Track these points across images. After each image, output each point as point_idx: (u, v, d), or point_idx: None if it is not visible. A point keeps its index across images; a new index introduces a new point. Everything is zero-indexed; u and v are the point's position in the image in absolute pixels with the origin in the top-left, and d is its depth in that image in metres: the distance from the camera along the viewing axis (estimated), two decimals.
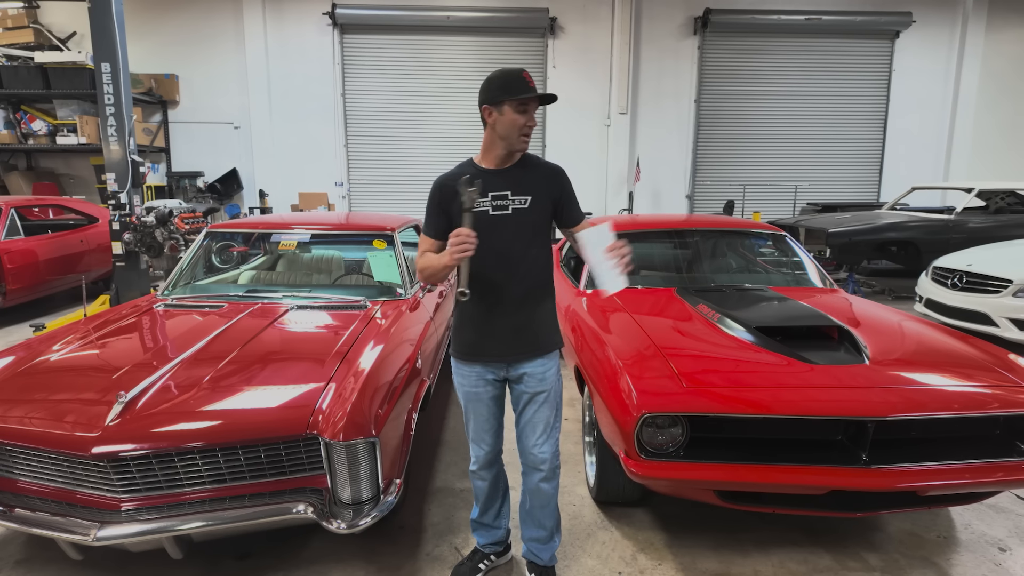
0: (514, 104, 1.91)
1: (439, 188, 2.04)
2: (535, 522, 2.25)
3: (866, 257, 7.87)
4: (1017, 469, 2.20)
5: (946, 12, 10.62)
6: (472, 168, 2.05)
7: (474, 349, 2.10)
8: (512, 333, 2.06)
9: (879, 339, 2.72)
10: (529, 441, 2.15)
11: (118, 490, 2.08)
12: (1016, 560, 2.49)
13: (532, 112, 1.95)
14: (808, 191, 10.88)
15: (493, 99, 1.94)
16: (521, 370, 2.09)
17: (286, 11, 10.09)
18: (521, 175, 2.05)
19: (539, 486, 2.18)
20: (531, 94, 1.91)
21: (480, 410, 2.16)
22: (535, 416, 2.13)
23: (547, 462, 2.15)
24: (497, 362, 2.10)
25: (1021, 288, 5.04)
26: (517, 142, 1.97)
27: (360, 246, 4.04)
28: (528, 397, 2.12)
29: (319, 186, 10.40)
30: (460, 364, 2.16)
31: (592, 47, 10.35)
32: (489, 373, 2.12)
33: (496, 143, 2.00)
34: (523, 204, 2.02)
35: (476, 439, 2.21)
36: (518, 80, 1.92)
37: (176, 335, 2.83)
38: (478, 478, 2.27)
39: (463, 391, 2.18)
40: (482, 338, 2.08)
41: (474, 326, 2.09)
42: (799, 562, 2.46)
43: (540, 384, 2.10)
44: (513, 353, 2.08)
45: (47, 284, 6.57)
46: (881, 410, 2.16)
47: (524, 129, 1.95)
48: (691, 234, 4.15)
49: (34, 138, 9.31)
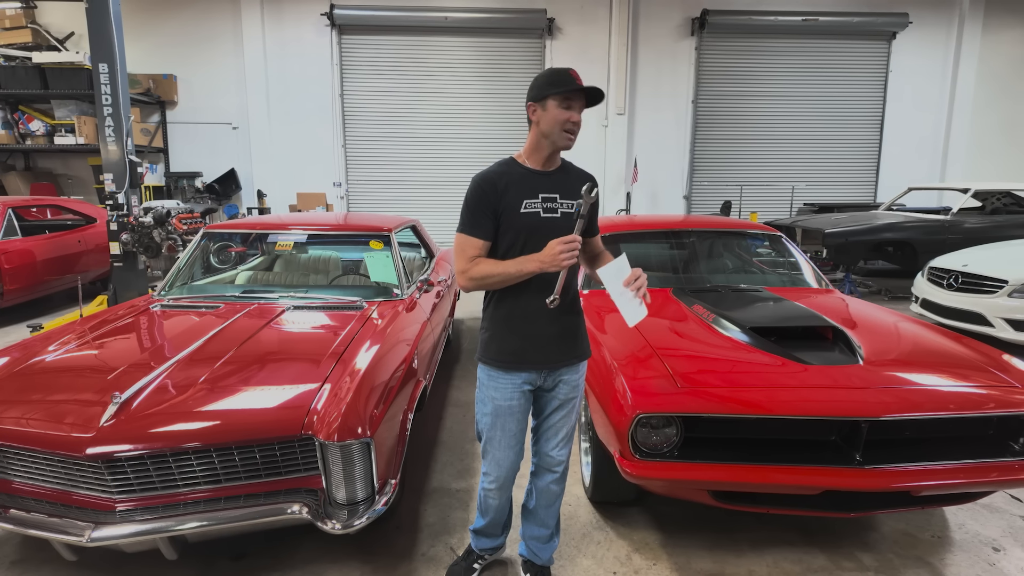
0: (558, 99, 1.86)
1: (489, 185, 1.92)
2: (538, 521, 2.26)
3: (863, 257, 7.89)
4: (1010, 469, 2.21)
5: (943, 13, 10.64)
6: (516, 167, 1.98)
7: (517, 357, 1.99)
8: (555, 340, 2.01)
9: (873, 339, 2.72)
10: (549, 444, 2.14)
11: (113, 491, 2.08)
12: (1010, 560, 2.50)
13: (577, 109, 1.89)
14: (805, 192, 10.89)
15: (539, 95, 1.89)
16: (559, 377, 2.05)
17: (284, 12, 10.10)
18: (566, 179, 2.00)
19: (549, 487, 2.19)
20: (574, 87, 1.85)
21: (510, 425, 2.06)
22: (560, 422, 2.12)
23: (562, 464, 2.17)
24: (539, 369, 2.03)
25: (1016, 288, 5.05)
26: (561, 139, 1.91)
27: (357, 246, 4.05)
28: (558, 403, 2.09)
29: (317, 186, 10.40)
30: (499, 373, 2.02)
31: (590, 48, 10.36)
32: (527, 384, 2.03)
33: (541, 143, 1.94)
34: (570, 208, 1.97)
35: (499, 457, 2.09)
36: (564, 76, 1.87)
37: (172, 335, 2.84)
38: (493, 497, 2.17)
39: (495, 404, 2.03)
40: (526, 345, 1.99)
41: (519, 333, 1.98)
42: (793, 562, 2.47)
43: (573, 391, 2.09)
44: (555, 360, 2.02)
45: (44, 284, 6.56)
46: (875, 410, 2.16)
47: (567, 125, 1.88)
48: (687, 234, 4.16)
49: (32, 138, 9.30)
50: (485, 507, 2.23)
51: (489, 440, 2.10)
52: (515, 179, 1.95)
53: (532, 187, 1.94)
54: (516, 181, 1.94)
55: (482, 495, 2.21)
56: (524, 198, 1.92)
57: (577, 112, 1.90)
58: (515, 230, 1.92)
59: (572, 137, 1.92)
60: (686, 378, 2.32)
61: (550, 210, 1.95)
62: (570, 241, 1.78)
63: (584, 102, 1.91)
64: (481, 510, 2.26)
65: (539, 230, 1.91)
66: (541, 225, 1.93)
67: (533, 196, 1.93)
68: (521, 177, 1.95)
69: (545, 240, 1.84)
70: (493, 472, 2.13)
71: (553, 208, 1.95)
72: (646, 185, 10.67)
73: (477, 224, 1.92)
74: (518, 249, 1.91)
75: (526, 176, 1.95)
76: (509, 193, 1.92)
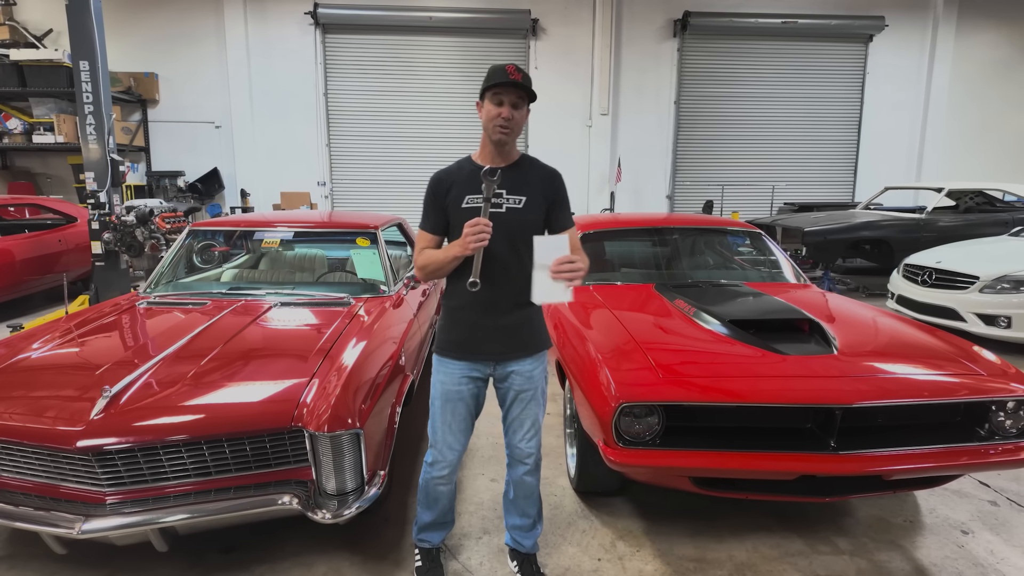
0: (490, 94, 1.95)
1: (436, 183, 2.06)
2: (519, 511, 2.31)
3: (841, 255, 8.07)
4: (976, 453, 2.31)
5: (917, 17, 10.89)
6: (468, 164, 2.06)
7: (463, 346, 2.08)
8: (503, 332, 2.06)
9: (848, 331, 2.82)
10: (516, 436, 2.19)
11: (103, 484, 2.10)
12: (978, 543, 2.60)
13: (509, 104, 1.93)
14: (785, 191, 11.08)
15: (480, 93, 1.99)
16: (509, 369, 2.11)
17: (268, 10, 10.05)
18: (517, 175, 2.04)
19: (523, 478, 2.24)
20: (501, 81, 1.89)
21: (459, 409, 2.12)
22: (522, 414, 2.16)
23: (532, 456, 2.21)
24: (485, 360, 2.10)
25: (987, 284, 5.21)
26: (494, 133, 1.97)
27: (344, 244, 4.07)
28: (514, 395, 2.14)
29: (301, 186, 10.37)
30: (445, 360, 2.11)
31: (574, 49, 10.45)
32: (475, 371, 2.10)
33: (486, 139, 2.03)
34: (517, 204, 2.02)
35: (447, 441, 2.14)
36: (497, 71, 1.92)
37: (160, 332, 2.85)
38: (442, 483, 2.19)
39: (443, 388, 2.11)
40: (473, 336, 2.06)
41: (466, 324, 2.07)
42: (772, 546, 2.55)
43: (527, 383, 2.13)
44: (502, 352, 2.08)
45: (24, 284, 6.48)
46: (848, 398, 2.25)
47: (499, 120, 1.94)
48: (670, 232, 4.24)
49: (9, 137, 9.16)
50: (435, 496, 2.23)
51: (436, 425, 2.14)
52: (462, 176, 2.03)
53: (474, 184, 1.99)
54: (463, 179, 2.03)
55: (430, 484, 2.21)
56: (467, 194, 2.01)
57: (509, 107, 1.94)
58: (460, 225, 1.96)
59: (505, 131, 1.95)
60: (667, 369, 2.39)
61: (495, 205, 1.99)
62: (476, 223, 1.85)
63: (522, 98, 1.96)
64: (428, 502, 2.25)
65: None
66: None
67: (477, 192, 1.98)
68: (469, 174, 2.03)
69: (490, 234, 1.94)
70: (444, 457, 2.15)
71: (498, 203, 2.00)
72: (630, 184, 10.79)
73: (427, 219, 2.10)
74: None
75: (473, 173, 2.01)
76: (453, 190, 2.02)
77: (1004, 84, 11.31)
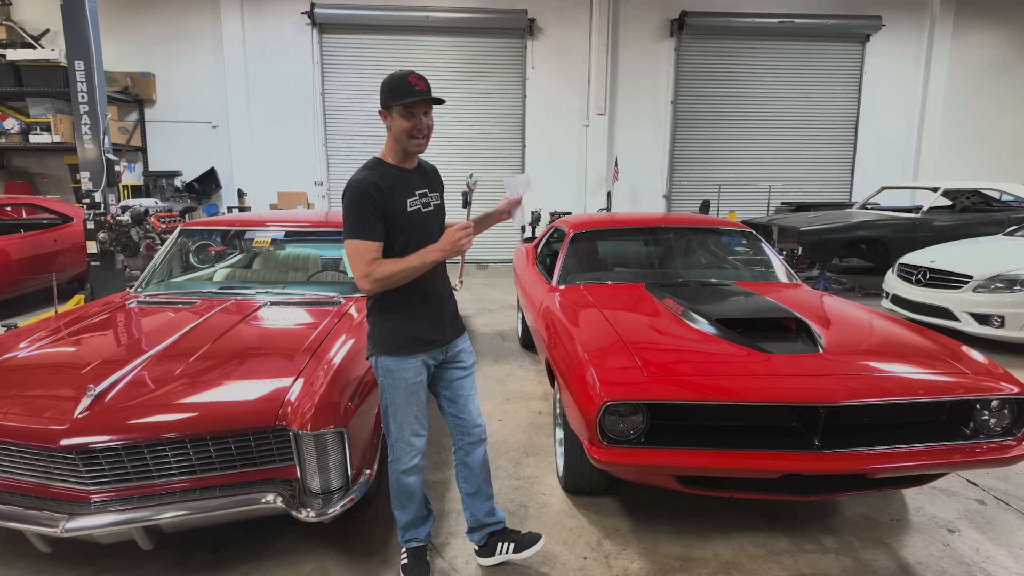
0: (400, 109, 1.97)
1: (375, 189, 1.96)
2: (482, 496, 2.35)
3: (837, 255, 8.06)
4: (960, 452, 2.31)
5: (914, 17, 10.89)
6: (388, 168, 2.06)
7: (422, 339, 2.12)
8: (449, 318, 2.22)
9: (835, 330, 2.82)
10: (472, 413, 2.28)
11: (87, 482, 2.10)
12: (964, 541, 2.61)
13: (422, 114, 1.99)
14: (782, 191, 11.09)
15: (384, 103, 2.01)
16: (458, 348, 2.25)
17: (264, 10, 10.06)
18: (426, 174, 2.18)
19: (481, 455, 2.32)
20: (413, 98, 1.93)
21: (421, 395, 2.17)
22: (471, 388, 2.29)
23: (483, 428, 2.33)
24: (440, 344, 2.18)
25: (980, 283, 5.21)
26: (411, 145, 2.03)
27: (335, 243, 4.07)
28: (465, 372, 2.27)
29: (298, 185, 10.37)
30: (405, 358, 2.09)
31: (570, 48, 10.45)
32: (432, 358, 2.17)
33: (396, 146, 2.05)
34: (438, 201, 2.19)
35: (416, 431, 2.16)
36: (402, 85, 1.95)
37: (148, 330, 2.85)
38: (417, 472, 2.20)
39: (407, 385, 2.10)
40: (429, 327, 2.14)
41: (422, 318, 2.12)
42: (758, 545, 2.55)
43: (471, 356, 2.31)
44: (453, 334, 2.23)
45: (19, 284, 6.49)
46: (832, 396, 2.25)
47: (412, 132, 2.00)
48: (662, 231, 4.25)
49: (6, 136, 9.17)
50: (408, 492, 2.22)
51: (400, 422, 2.12)
52: (393, 181, 2.04)
53: (408, 186, 2.06)
54: (395, 183, 2.04)
55: (404, 480, 2.19)
56: (406, 197, 2.06)
57: (421, 117, 2.00)
58: (406, 229, 2.04)
59: (421, 142, 2.04)
60: (652, 368, 2.40)
61: (427, 204, 2.13)
62: (466, 227, 2.02)
63: (430, 105, 2.01)
64: (403, 500, 2.24)
65: (426, 224, 2.11)
66: (426, 219, 2.11)
67: (411, 194, 2.07)
68: (395, 178, 2.05)
69: (430, 232, 2.09)
70: (417, 446, 2.17)
71: (428, 202, 2.13)
72: (626, 184, 10.79)
73: (368, 228, 1.96)
74: (413, 245, 2.03)
75: (398, 176, 2.06)
76: (394, 194, 2.01)
77: (1000, 84, 11.32)
